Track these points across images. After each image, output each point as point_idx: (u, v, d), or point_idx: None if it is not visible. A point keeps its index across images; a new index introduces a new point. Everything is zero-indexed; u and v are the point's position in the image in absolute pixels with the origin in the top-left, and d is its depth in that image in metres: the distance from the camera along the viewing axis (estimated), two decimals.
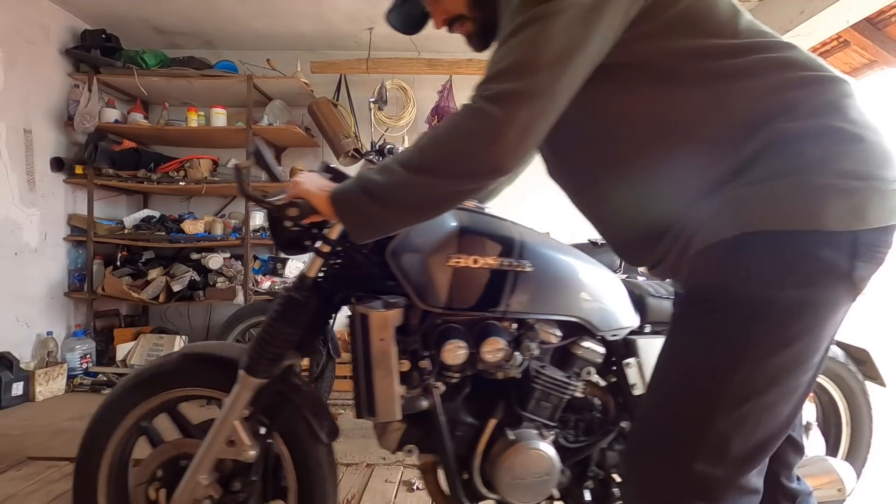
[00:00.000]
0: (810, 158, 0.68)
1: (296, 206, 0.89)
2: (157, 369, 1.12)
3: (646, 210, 0.80)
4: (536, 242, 1.05)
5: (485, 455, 1.06)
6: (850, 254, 0.68)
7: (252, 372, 1.00)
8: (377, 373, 0.95)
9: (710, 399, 0.72)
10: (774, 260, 0.68)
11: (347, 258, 1.04)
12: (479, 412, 1.09)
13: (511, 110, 0.69)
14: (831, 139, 0.69)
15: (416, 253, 1.00)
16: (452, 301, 0.99)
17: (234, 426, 1.01)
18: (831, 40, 3.55)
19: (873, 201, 0.67)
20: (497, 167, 0.72)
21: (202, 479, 1.02)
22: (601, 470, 1.15)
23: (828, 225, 0.66)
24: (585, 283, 1.08)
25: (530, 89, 0.68)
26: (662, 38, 0.72)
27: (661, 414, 0.78)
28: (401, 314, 0.99)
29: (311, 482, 1.08)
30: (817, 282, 0.68)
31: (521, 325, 1.05)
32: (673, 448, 0.74)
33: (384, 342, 0.95)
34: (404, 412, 0.99)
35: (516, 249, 1.01)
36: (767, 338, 0.69)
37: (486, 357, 0.99)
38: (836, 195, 0.67)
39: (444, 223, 1.02)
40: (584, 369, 1.11)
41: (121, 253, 3.65)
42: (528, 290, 1.02)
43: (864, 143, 0.69)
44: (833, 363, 1.40)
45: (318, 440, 1.08)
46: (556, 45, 0.68)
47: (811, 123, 0.70)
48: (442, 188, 0.75)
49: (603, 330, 1.10)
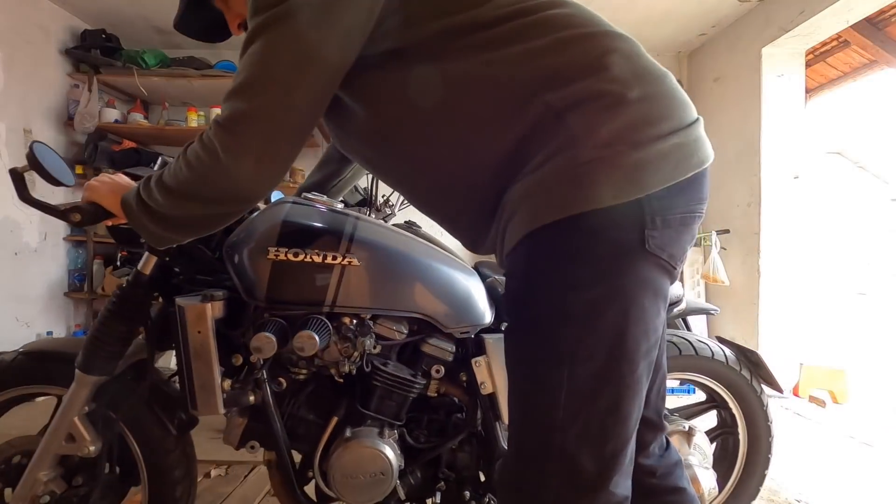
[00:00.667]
0: (575, 131, 0.63)
1: (79, 210, 0.87)
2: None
3: (455, 202, 0.76)
4: (371, 236, 1.01)
5: (325, 453, 1.04)
6: (637, 226, 0.63)
7: (86, 370, 1.00)
8: (196, 366, 0.96)
9: (543, 421, 0.67)
10: (563, 254, 0.64)
11: (188, 253, 1.02)
12: (324, 410, 1.07)
13: (242, 138, 0.65)
14: (593, 105, 0.64)
15: (243, 247, 0.99)
16: (273, 295, 0.97)
17: (73, 422, 1.01)
18: (831, 40, 3.55)
19: (648, 164, 0.63)
20: (243, 194, 0.69)
21: (42, 475, 1.03)
22: (452, 472, 1.12)
23: (603, 201, 0.62)
24: (429, 279, 1.04)
25: (261, 110, 0.64)
26: (422, 21, 0.67)
27: (511, 443, 0.74)
28: (222, 307, 0.98)
29: (161, 472, 1.12)
30: (611, 267, 0.64)
31: (357, 320, 1.02)
32: (529, 478, 0.70)
33: (202, 335, 0.95)
34: (229, 407, 0.99)
35: (344, 243, 0.98)
36: (578, 342, 0.65)
37: (297, 350, 0.94)
38: (605, 167, 0.62)
39: (272, 217, 1.00)
40: (432, 367, 1.08)
41: (121, 253, 3.63)
42: (356, 286, 0.99)
43: (625, 102, 0.64)
44: (723, 367, 1.37)
45: (168, 432, 1.11)
46: (286, 55, 0.63)
47: (572, 90, 0.64)
48: (197, 210, 0.72)
49: (451, 327, 1.06)
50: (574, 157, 0.63)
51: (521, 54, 0.66)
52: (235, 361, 1.01)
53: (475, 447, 1.13)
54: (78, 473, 1.08)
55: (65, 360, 1.07)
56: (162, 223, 0.75)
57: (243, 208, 0.74)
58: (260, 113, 0.64)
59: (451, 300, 1.06)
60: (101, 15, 3.43)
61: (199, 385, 0.96)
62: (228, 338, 1.01)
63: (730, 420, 1.43)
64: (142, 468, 1.12)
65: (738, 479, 1.42)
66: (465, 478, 1.13)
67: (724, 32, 3.53)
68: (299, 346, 0.93)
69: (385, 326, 1.05)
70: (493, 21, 0.67)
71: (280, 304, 0.99)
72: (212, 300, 0.96)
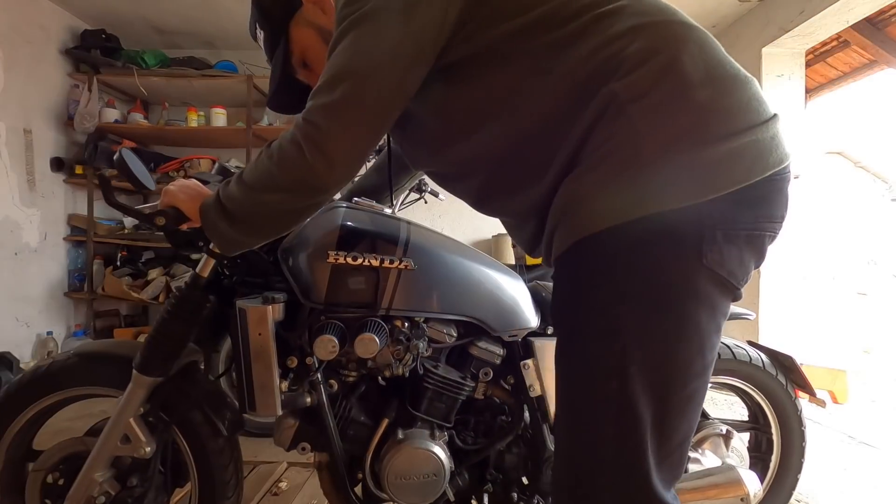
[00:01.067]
0: (639, 126, 0.59)
1: (164, 214, 0.89)
2: (50, 368, 1.11)
3: (519, 203, 0.75)
4: (424, 241, 1.04)
5: (377, 454, 1.05)
6: (696, 238, 0.59)
7: (144, 371, 1.01)
8: (255, 367, 0.96)
9: (592, 435, 0.66)
10: (615, 264, 0.61)
11: (244, 256, 1.03)
12: (374, 412, 1.08)
13: (322, 128, 0.67)
14: (659, 97, 0.59)
15: (301, 250, 1.00)
16: (332, 298, 0.99)
17: (129, 423, 1.02)
18: (831, 40, 3.55)
19: (718, 163, 0.58)
20: (321, 183, 0.71)
21: (97, 476, 1.04)
22: (500, 473, 1.13)
23: (664, 203, 0.57)
24: (480, 283, 1.07)
25: (341, 102, 0.66)
26: (493, 23, 0.67)
27: (561, 452, 0.71)
28: (281, 309, 0.99)
29: (212, 472, 1.12)
30: (666, 280, 0.60)
31: (410, 323, 1.04)
32: (581, 489, 0.68)
33: (262, 337, 0.95)
34: (287, 408, 1.00)
35: (400, 248, 1.00)
36: (628, 357, 0.62)
37: (358, 352, 0.96)
38: (669, 167, 0.58)
39: (330, 221, 1.02)
40: (480, 370, 1.10)
41: (121, 253, 3.65)
42: (412, 289, 1.01)
43: (695, 95, 0.59)
44: (760, 372, 1.35)
45: (218, 433, 1.11)
46: (367, 51, 0.66)
47: (638, 78, 0.60)
48: (273, 204, 0.74)
49: (499, 330, 1.08)
50: (634, 156, 0.59)
51: (594, 47, 0.63)
52: (290, 363, 1.01)
53: (522, 449, 1.14)
54: (131, 474, 1.08)
55: (118, 361, 1.08)
56: (236, 225, 0.77)
57: (319, 201, 0.75)
58: (340, 105, 0.67)
59: (501, 304, 1.08)
60: (101, 15, 3.42)
61: (259, 386, 0.96)
62: (283, 340, 1.01)
63: (764, 423, 1.41)
64: (192, 469, 1.12)
65: (771, 486, 1.41)
66: (512, 479, 1.14)
67: (724, 32, 3.53)
68: (360, 348, 0.95)
69: (436, 329, 1.06)
70: (569, 16, 0.65)
71: (338, 306, 1.00)
72: (273, 303, 0.96)
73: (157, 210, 0.90)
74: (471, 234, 3.96)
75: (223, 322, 1.04)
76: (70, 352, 1.14)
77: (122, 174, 0.92)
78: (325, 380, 1.05)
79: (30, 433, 1.16)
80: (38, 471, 1.08)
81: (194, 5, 3.28)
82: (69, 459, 1.09)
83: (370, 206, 1.11)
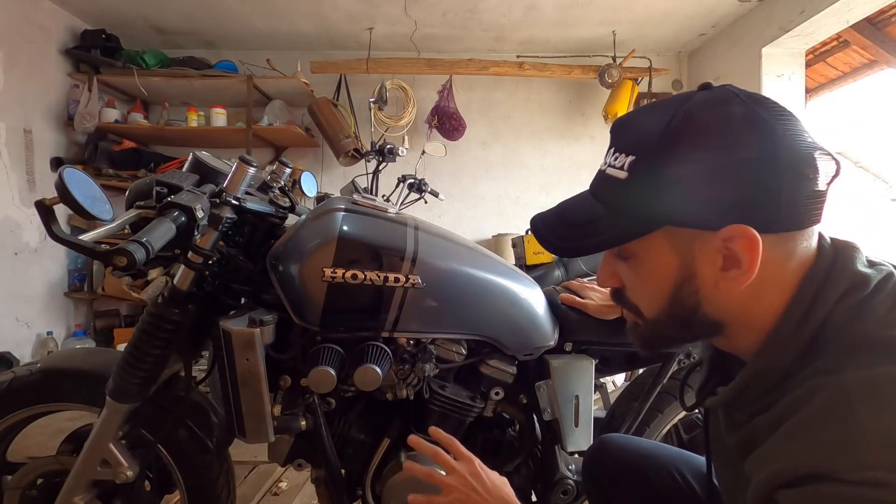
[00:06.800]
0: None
1: (125, 254, 0.73)
2: (11, 385, 1.03)
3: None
4: (434, 253, 0.92)
5: (378, 474, 0.99)
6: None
7: (119, 398, 0.93)
8: (244, 394, 0.86)
9: None
10: None
11: (226, 264, 0.94)
12: (375, 429, 1.01)
13: None
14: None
15: (292, 262, 0.88)
16: (329, 320, 0.89)
17: (108, 448, 0.95)
18: (831, 40, 3.55)
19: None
20: None
21: (77, 499, 0.98)
22: None
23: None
24: (494, 300, 0.97)
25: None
26: None
27: None
28: (271, 332, 0.88)
29: (201, 488, 1.07)
30: None
31: (417, 344, 0.95)
32: None
33: (250, 362, 0.85)
34: (280, 433, 0.92)
35: (407, 262, 0.89)
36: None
37: (358, 384, 0.88)
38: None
39: (325, 229, 0.89)
40: (491, 389, 1.01)
41: None
42: (420, 309, 0.90)
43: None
44: None
45: (206, 449, 1.04)
46: None
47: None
48: None
49: (514, 350, 0.99)
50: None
51: None
52: (284, 384, 0.93)
53: (531, 469, 1.08)
54: (115, 495, 1.02)
55: (83, 377, 1.03)
56: None
57: None
58: None
59: (517, 322, 0.99)
60: (101, 15, 3.42)
61: (248, 413, 0.87)
62: (275, 358, 0.93)
63: None
64: (180, 485, 1.06)
65: None
66: (520, 499, 1.10)
67: (724, 32, 3.53)
68: (361, 380, 0.87)
69: (444, 348, 0.98)
70: None
71: (337, 329, 0.90)
72: (261, 325, 0.85)
73: (118, 248, 0.73)
74: (471, 235, 3.96)
75: (205, 330, 0.95)
76: (34, 365, 1.06)
77: (64, 200, 0.73)
78: (323, 397, 0.96)
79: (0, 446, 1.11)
80: (14, 489, 1.04)
81: (194, 5, 3.28)
82: (46, 476, 1.04)
83: (373, 205, 1.00)
